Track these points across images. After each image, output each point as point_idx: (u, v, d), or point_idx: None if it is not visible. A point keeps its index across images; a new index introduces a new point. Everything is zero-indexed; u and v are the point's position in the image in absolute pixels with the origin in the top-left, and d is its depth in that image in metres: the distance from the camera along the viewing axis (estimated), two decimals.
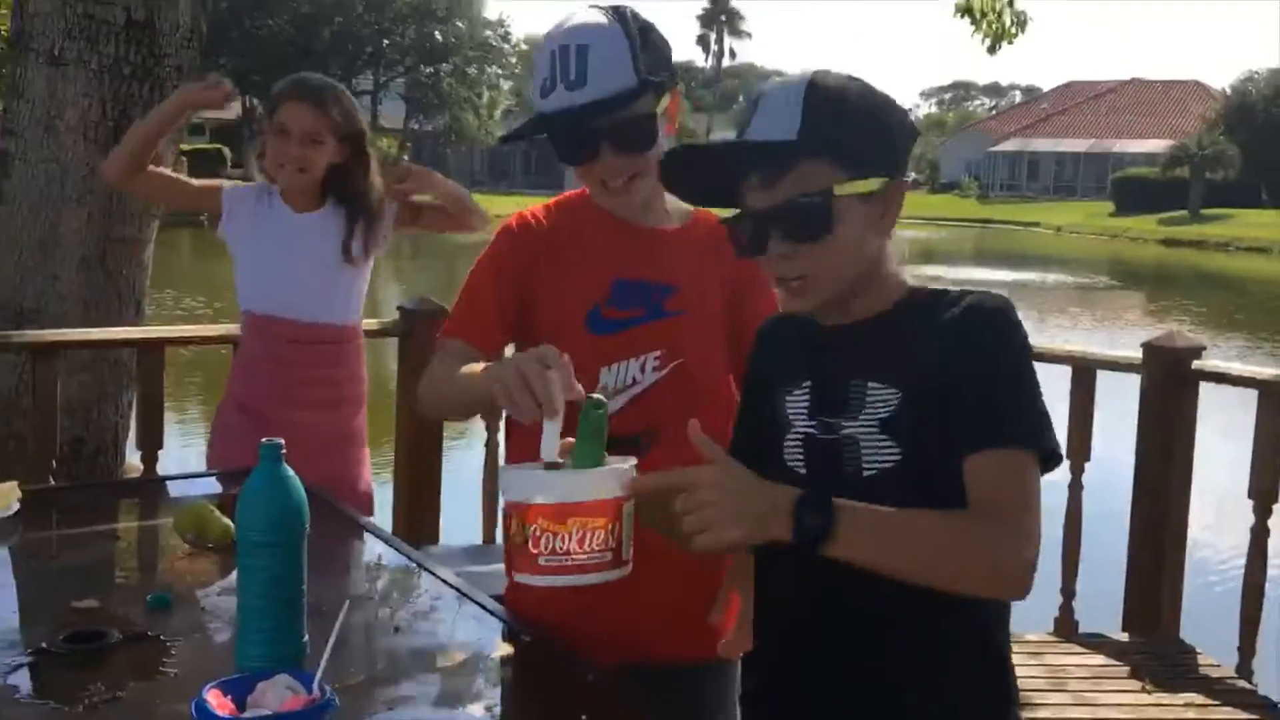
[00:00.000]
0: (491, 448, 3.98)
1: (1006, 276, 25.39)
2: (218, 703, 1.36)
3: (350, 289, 2.87)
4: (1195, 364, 3.53)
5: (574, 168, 1.82)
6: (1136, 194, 45.24)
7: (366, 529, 2.25)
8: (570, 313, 1.82)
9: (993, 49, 9.04)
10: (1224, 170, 43.04)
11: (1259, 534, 3.39)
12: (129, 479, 4.09)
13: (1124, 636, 3.54)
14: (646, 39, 1.75)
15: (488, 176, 53.83)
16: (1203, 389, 3.58)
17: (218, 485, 2.48)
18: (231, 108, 46.77)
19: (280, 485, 1.53)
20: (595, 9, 1.77)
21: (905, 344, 1.42)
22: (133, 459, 4.36)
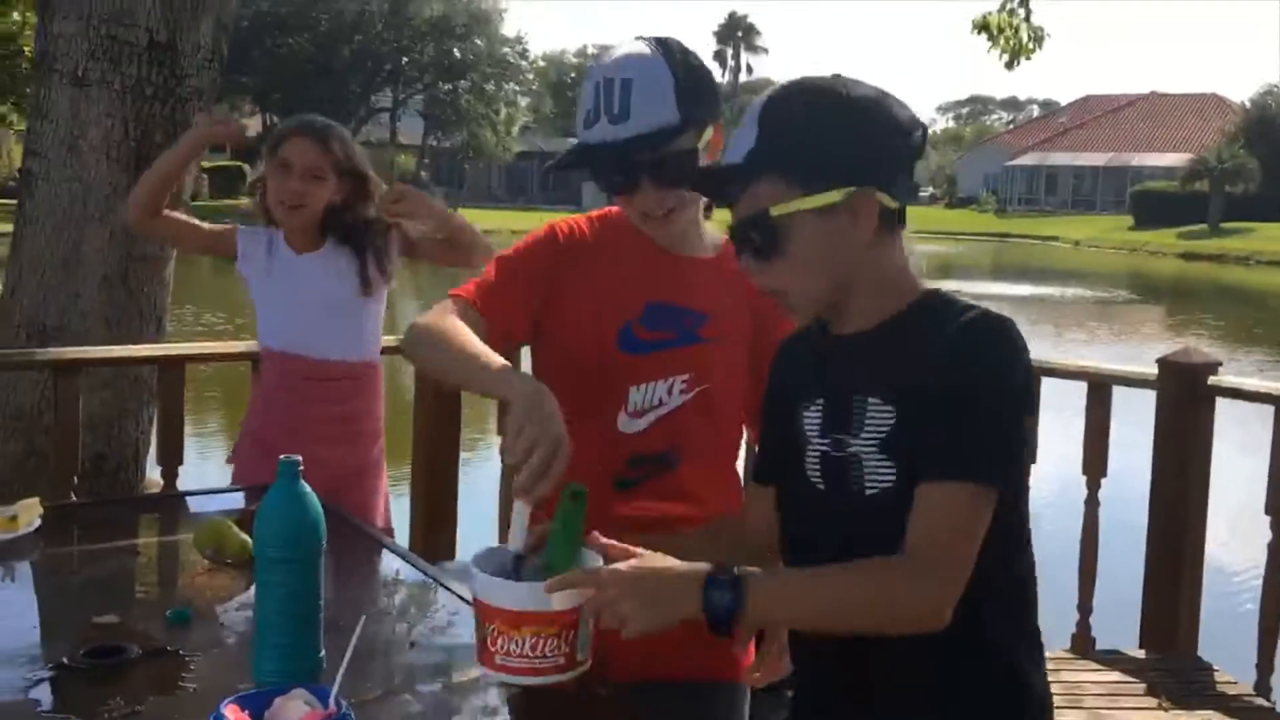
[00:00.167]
0: (507, 465, 3.99)
1: (1025, 291, 25.30)
2: (235, 717, 1.37)
3: (363, 326, 2.84)
4: (1211, 379, 3.52)
5: (615, 196, 1.84)
6: (1156, 208, 45.08)
7: (383, 545, 2.27)
8: (603, 328, 1.83)
9: (1010, 65, 9.05)
10: (1244, 184, 42.83)
11: (1276, 550, 3.37)
12: (149, 494, 4.12)
13: (1141, 653, 3.52)
14: (692, 74, 1.75)
15: (505, 193, 54.01)
16: (1220, 404, 3.57)
17: (239, 501, 2.49)
18: (251, 124, 47.21)
19: (297, 502, 1.55)
20: (642, 41, 1.78)
21: (902, 359, 1.41)
22: (153, 474, 4.39)
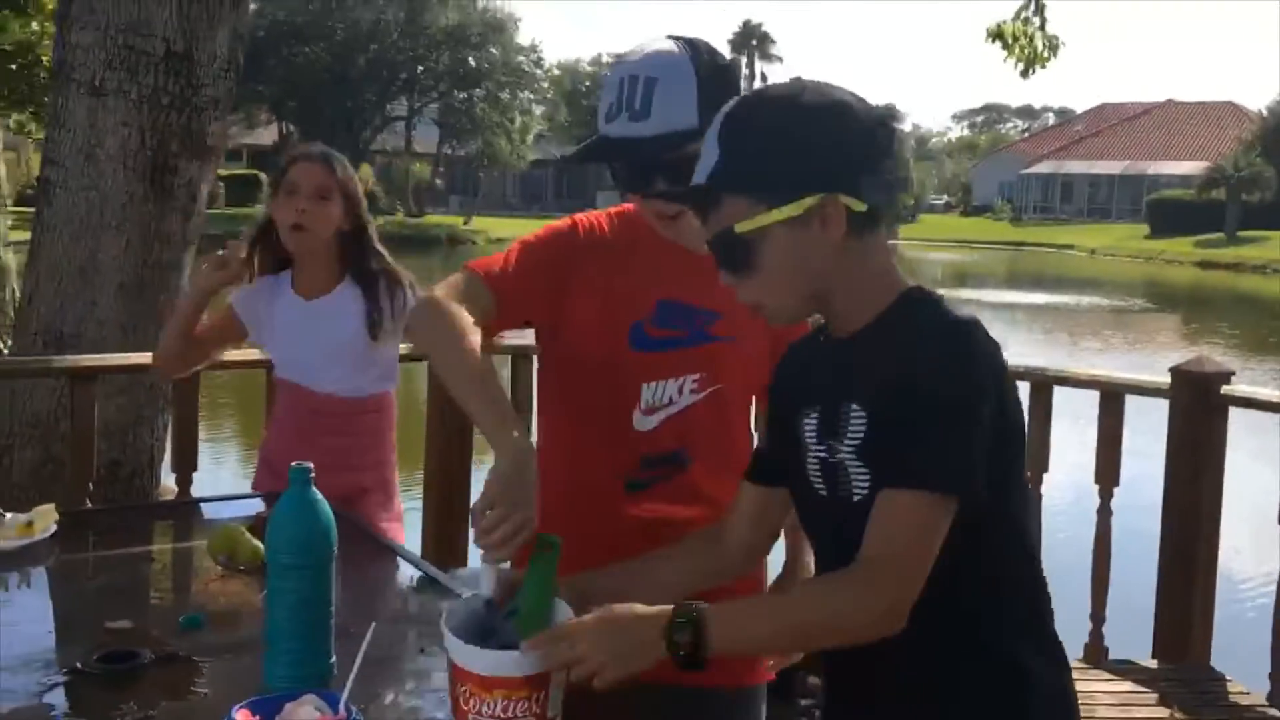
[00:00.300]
0: None
1: (1040, 299, 25.25)
2: None
3: (374, 365, 2.77)
4: (1224, 389, 3.52)
5: (629, 194, 1.85)
6: (1172, 216, 44.89)
7: (395, 552, 2.28)
8: (615, 324, 1.84)
9: (1025, 74, 9.03)
10: (1260, 192, 42.63)
11: None
12: (163, 501, 4.14)
13: (1153, 663, 3.51)
14: (716, 79, 1.74)
15: (520, 201, 54.15)
16: (1234, 413, 3.56)
17: (252, 507, 2.50)
18: (268, 133, 47.41)
19: (308, 509, 1.56)
20: (672, 40, 1.78)
21: (873, 365, 1.42)
22: (168, 481, 4.41)
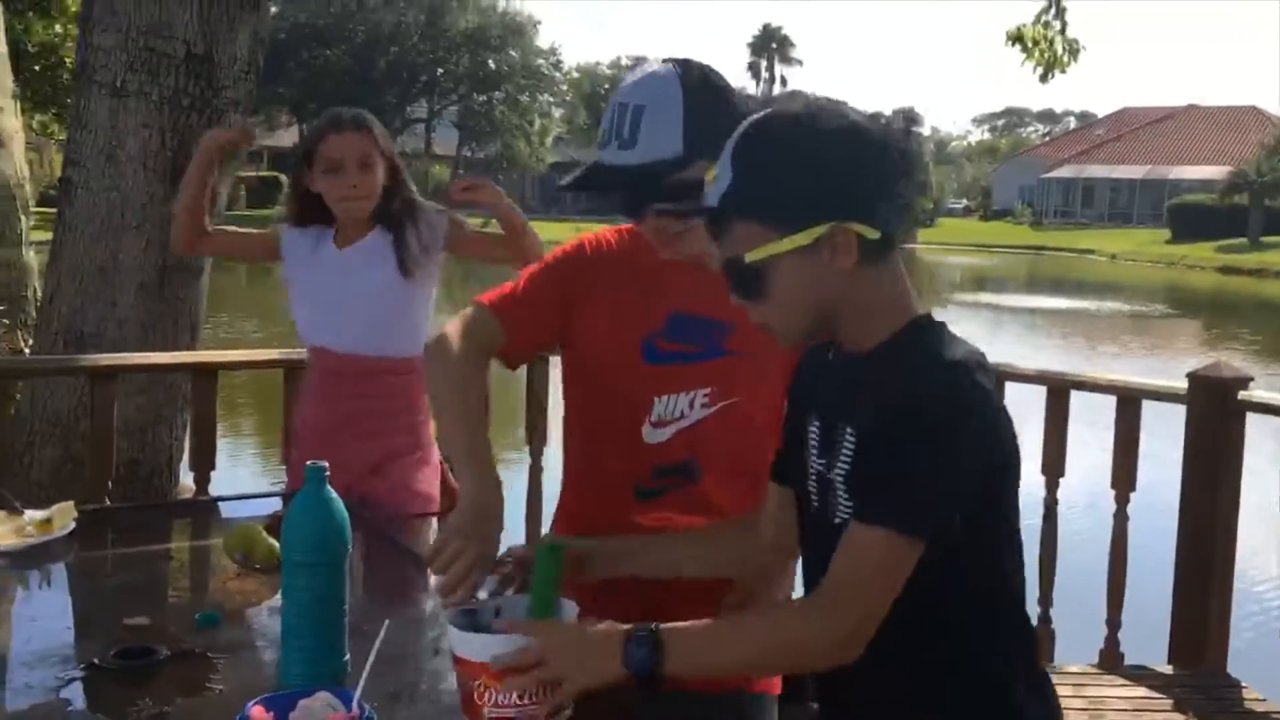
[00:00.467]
0: (535, 472, 4.02)
1: (1060, 304, 25.14)
2: (260, 718, 1.40)
3: (404, 319, 2.77)
4: (1242, 394, 3.50)
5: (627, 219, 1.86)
6: (1193, 221, 44.64)
7: (409, 550, 2.30)
8: (626, 338, 1.85)
9: (1045, 78, 8.99)
10: None
11: None
12: (181, 500, 4.17)
13: (1169, 669, 3.50)
14: (706, 106, 1.72)
15: (539, 203, 54.22)
16: (1252, 419, 3.55)
17: (269, 506, 2.51)
18: (288, 135, 47.58)
19: (323, 507, 1.57)
20: (667, 64, 1.77)
21: (870, 391, 1.41)
22: (186, 480, 4.44)
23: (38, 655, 1.71)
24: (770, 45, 73.59)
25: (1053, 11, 8.67)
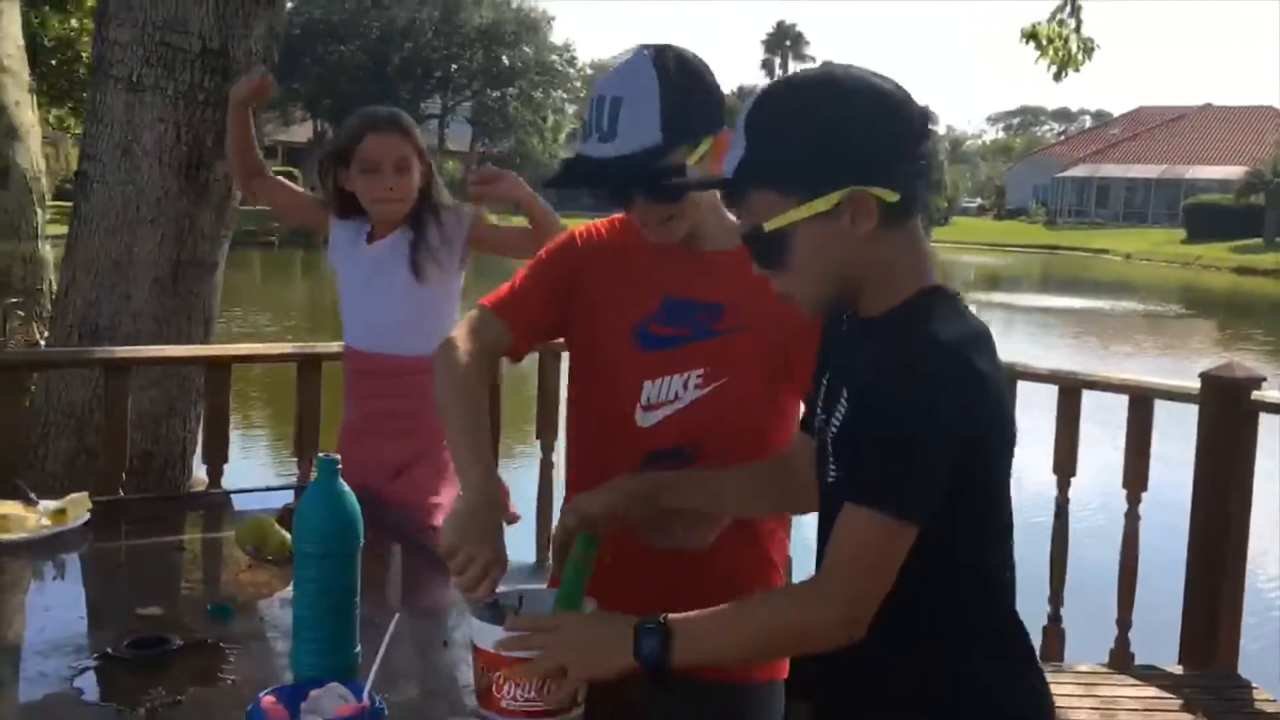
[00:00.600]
0: (545, 466, 4.03)
1: (1074, 303, 25.07)
2: (271, 709, 1.41)
3: (424, 319, 2.71)
4: (1255, 395, 3.49)
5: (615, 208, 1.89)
6: (1209, 221, 44.44)
7: (421, 545, 2.30)
8: (619, 325, 1.88)
9: (1058, 76, 8.97)
10: None
11: None
12: (194, 492, 4.19)
13: (1179, 669, 3.49)
14: (682, 91, 1.73)
15: (554, 198, 54.19)
16: (1265, 419, 3.54)
17: (282, 499, 2.52)
18: (302, 130, 47.69)
19: (334, 500, 1.58)
20: (643, 51, 1.78)
21: (870, 359, 1.39)
22: (198, 472, 4.46)
23: (51, 644, 1.72)
24: (784, 43, 73.47)
25: (1068, 10, 8.65)
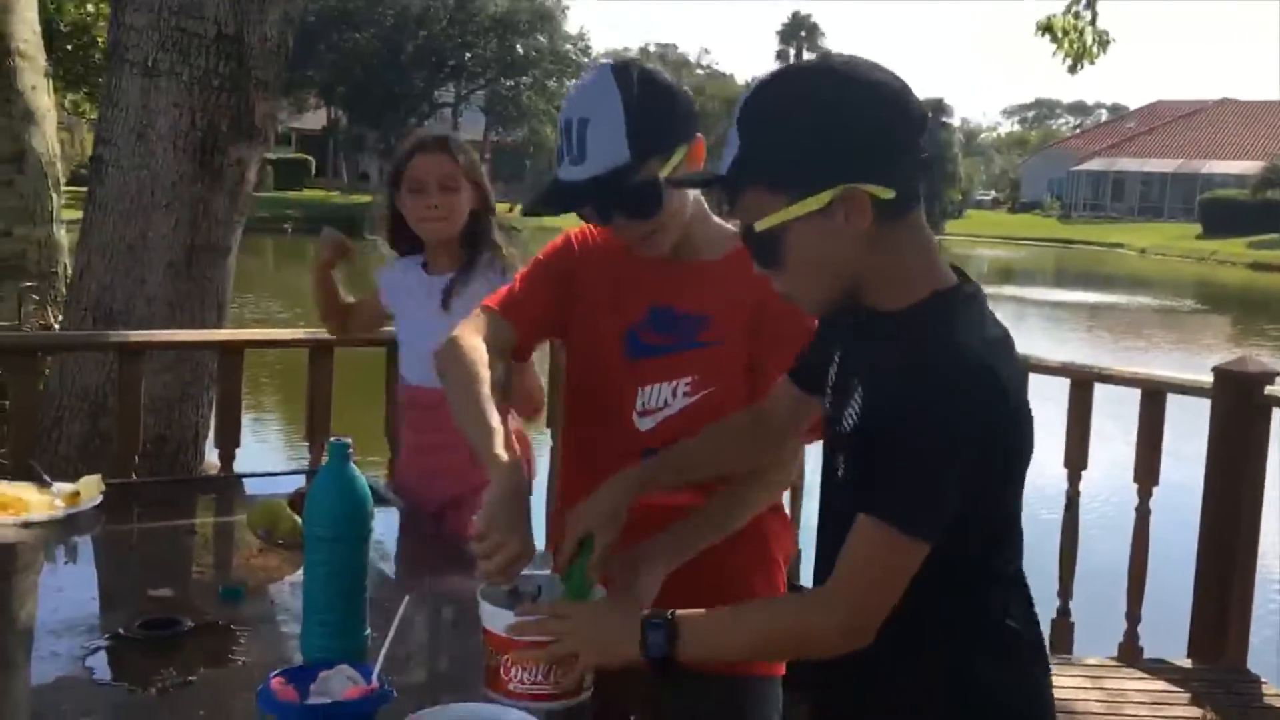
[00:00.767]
0: (555, 451, 4.03)
1: (1087, 298, 24.99)
2: (281, 690, 1.42)
3: None
4: (1268, 389, 3.48)
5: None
6: (1225, 216, 44.18)
7: (431, 530, 2.32)
8: (611, 331, 1.90)
9: (1073, 68, 8.93)
10: None
11: None
12: (207, 475, 4.21)
13: (1188, 663, 3.49)
14: (646, 106, 1.73)
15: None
16: (1278, 414, 3.53)
17: (293, 484, 2.53)
18: (316, 118, 47.73)
19: (345, 483, 1.59)
20: (607, 69, 1.77)
21: (885, 362, 1.37)
22: (211, 457, 4.48)
23: (64, 624, 1.74)
24: (799, 33, 73.22)
25: (1083, 2, 8.61)
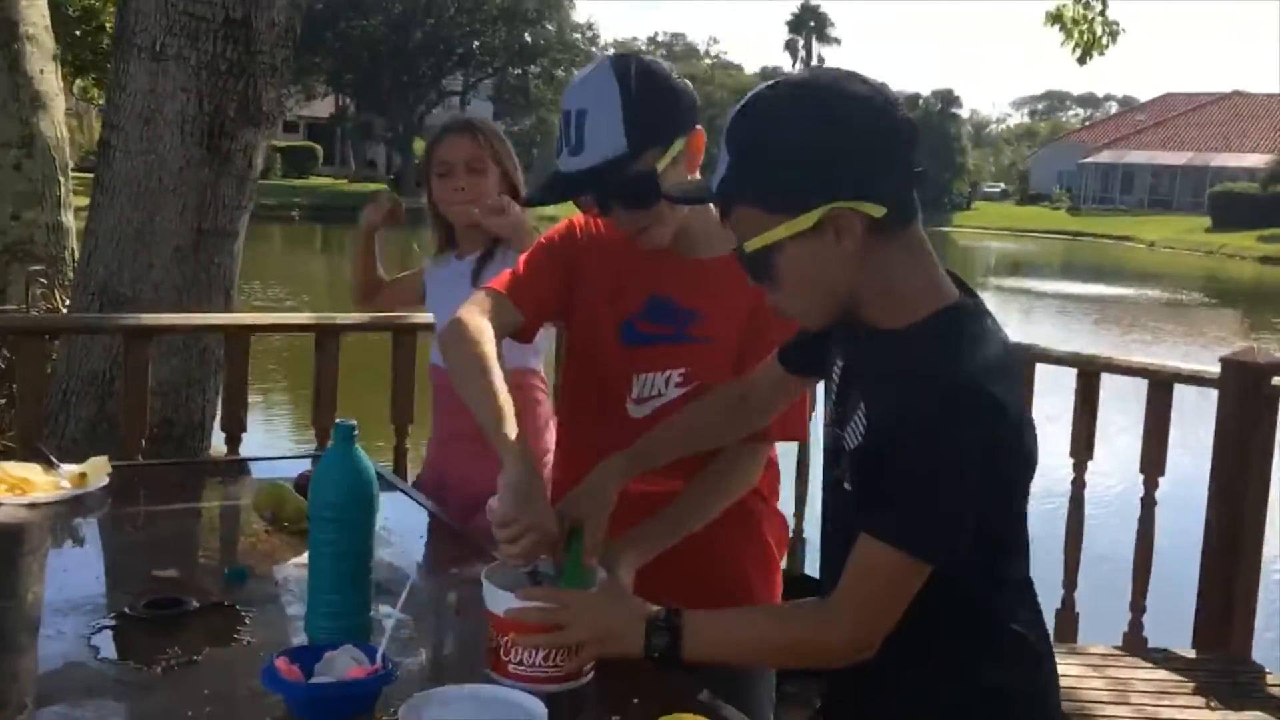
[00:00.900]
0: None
1: (1095, 290, 24.94)
2: (285, 669, 1.43)
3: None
4: (1275, 380, 3.47)
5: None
6: (1235, 209, 44.05)
7: (436, 515, 2.32)
8: (609, 318, 1.91)
9: (1083, 59, 8.92)
10: None
11: None
12: (213, 459, 4.22)
13: (1192, 653, 3.49)
14: (644, 98, 1.73)
15: None
16: None
17: (298, 467, 2.53)
18: (324, 105, 47.72)
19: (350, 465, 1.59)
20: (605, 62, 1.78)
21: (887, 381, 1.35)
22: (217, 440, 4.49)
23: (70, 604, 1.74)
24: (808, 24, 73.01)
25: None
